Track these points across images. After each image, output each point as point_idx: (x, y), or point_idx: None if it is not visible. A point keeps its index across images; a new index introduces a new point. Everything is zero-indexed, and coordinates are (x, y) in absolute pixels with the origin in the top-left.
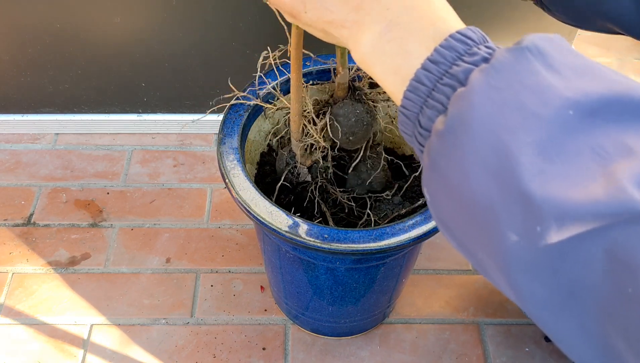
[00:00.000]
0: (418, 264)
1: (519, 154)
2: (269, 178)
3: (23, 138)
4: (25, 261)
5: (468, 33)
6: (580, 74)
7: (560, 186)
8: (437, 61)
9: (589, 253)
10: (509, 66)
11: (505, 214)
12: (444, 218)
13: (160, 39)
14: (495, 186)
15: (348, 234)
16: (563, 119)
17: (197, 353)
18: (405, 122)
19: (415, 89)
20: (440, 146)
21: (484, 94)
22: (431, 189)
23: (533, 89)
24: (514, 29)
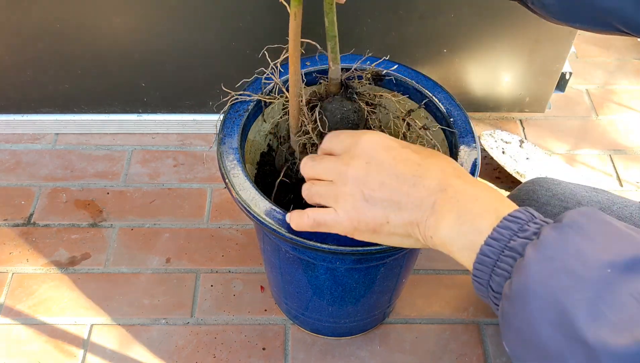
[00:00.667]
0: (418, 264)
1: (573, 309)
2: (269, 178)
3: (23, 138)
4: (25, 261)
5: (518, 214)
6: (612, 240)
7: (611, 332)
8: (497, 238)
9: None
10: (554, 241)
11: (572, 359)
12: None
13: (160, 39)
14: (559, 336)
15: None
16: (604, 277)
17: (197, 353)
18: (480, 288)
19: (483, 261)
20: (510, 308)
21: (538, 263)
22: (509, 343)
23: (576, 257)
24: (515, 29)
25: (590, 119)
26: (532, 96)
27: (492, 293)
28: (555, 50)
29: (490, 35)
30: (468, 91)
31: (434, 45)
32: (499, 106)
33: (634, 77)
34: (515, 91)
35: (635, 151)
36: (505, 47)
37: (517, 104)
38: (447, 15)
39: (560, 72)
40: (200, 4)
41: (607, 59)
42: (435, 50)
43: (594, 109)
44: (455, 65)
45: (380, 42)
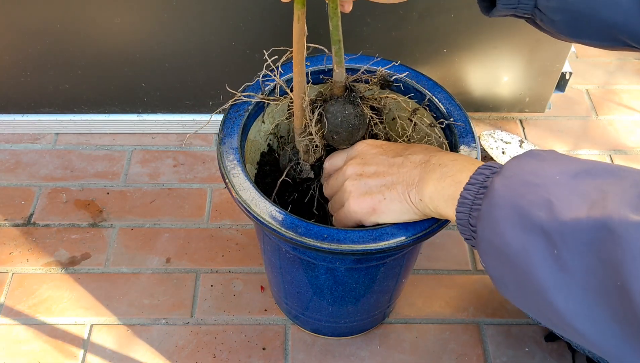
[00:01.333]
0: (418, 264)
1: (529, 206)
2: (269, 178)
3: (23, 138)
4: (25, 261)
5: (491, 163)
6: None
7: (559, 215)
8: (472, 183)
9: (591, 263)
10: (514, 165)
11: (533, 248)
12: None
13: (160, 39)
14: (521, 231)
15: (348, 234)
16: (554, 180)
17: (197, 353)
18: (462, 229)
19: (462, 203)
20: (482, 225)
21: (500, 183)
22: (484, 259)
23: (531, 171)
24: (515, 29)
25: (590, 119)
26: (532, 96)
27: (471, 228)
28: (555, 50)
29: (490, 35)
30: (468, 91)
31: (434, 45)
32: (499, 106)
33: (634, 77)
34: (515, 91)
35: (635, 151)
36: (505, 47)
37: (517, 104)
38: (447, 15)
39: (560, 72)
40: (201, 4)
41: (607, 59)
42: (435, 50)
43: (594, 109)
44: (455, 65)
45: (380, 42)
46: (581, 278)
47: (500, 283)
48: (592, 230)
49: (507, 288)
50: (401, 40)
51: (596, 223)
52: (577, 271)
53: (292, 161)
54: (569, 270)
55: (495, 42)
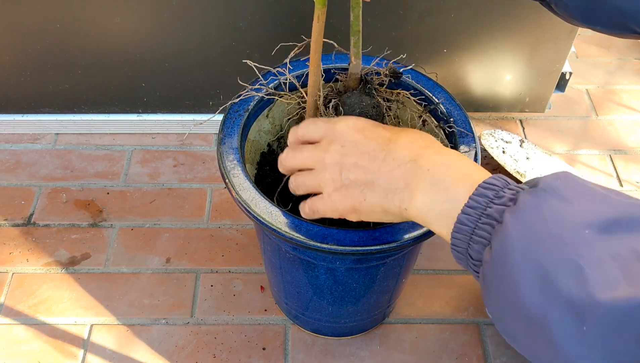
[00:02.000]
0: (418, 264)
1: (554, 270)
2: (269, 178)
3: (23, 138)
4: (25, 261)
5: (492, 181)
6: (588, 201)
7: (593, 290)
8: (473, 206)
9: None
10: (531, 206)
11: (557, 320)
12: (509, 332)
13: (160, 39)
14: (543, 299)
15: (348, 234)
16: (582, 237)
17: (197, 353)
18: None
19: (460, 229)
20: (491, 273)
21: (516, 228)
22: (492, 309)
23: (553, 220)
24: (515, 29)
25: (590, 119)
26: (532, 96)
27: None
28: (555, 50)
29: (490, 35)
30: (468, 90)
31: (434, 45)
32: (499, 106)
33: (634, 77)
34: (516, 90)
35: (635, 151)
36: (505, 47)
37: (517, 104)
38: (447, 15)
39: (560, 72)
40: (201, 4)
41: (607, 59)
42: (435, 50)
43: (594, 109)
44: (455, 65)
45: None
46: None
47: (508, 336)
48: (633, 311)
49: (517, 342)
50: (401, 41)
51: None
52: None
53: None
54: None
55: (495, 42)
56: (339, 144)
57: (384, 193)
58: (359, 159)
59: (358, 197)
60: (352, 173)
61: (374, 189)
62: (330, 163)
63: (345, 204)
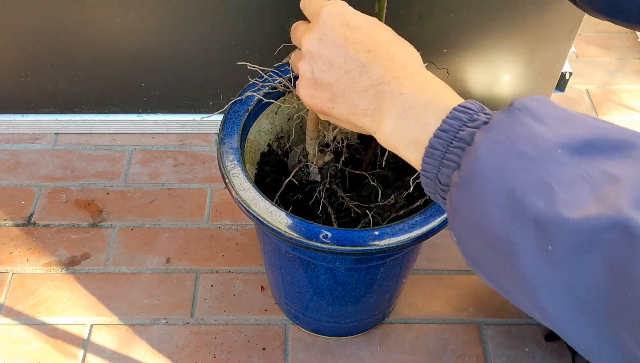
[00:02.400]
0: (418, 264)
1: (523, 189)
2: (268, 178)
3: (23, 138)
4: (25, 261)
5: (468, 105)
6: (563, 123)
7: (562, 208)
8: (446, 129)
9: (592, 265)
10: (504, 123)
11: (522, 240)
12: (473, 257)
13: (160, 39)
14: (509, 218)
15: (348, 234)
16: (554, 157)
17: (197, 353)
18: (427, 183)
19: (431, 154)
20: (459, 194)
21: (487, 147)
22: (457, 233)
23: (526, 138)
24: (515, 29)
25: None
26: None
27: (440, 186)
28: (555, 50)
29: (490, 36)
30: (468, 91)
31: (434, 45)
32: (499, 105)
33: (634, 77)
34: (515, 91)
35: None
36: (505, 47)
37: None
38: (447, 15)
39: (560, 72)
40: (201, 3)
41: (607, 59)
42: (435, 50)
43: (594, 109)
44: (455, 65)
45: None
46: (577, 280)
47: (471, 261)
48: (601, 230)
49: (480, 268)
50: None
51: (608, 222)
52: (573, 273)
53: (302, 162)
54: (564, 270)
55: (495, 42)
56: (317, 35)
57: (353, 110)
58: (335, 59)
59: (327, 103)
60: (324, 74)
61: (344, 102)
62: (306, 52)
63: (313, 103)
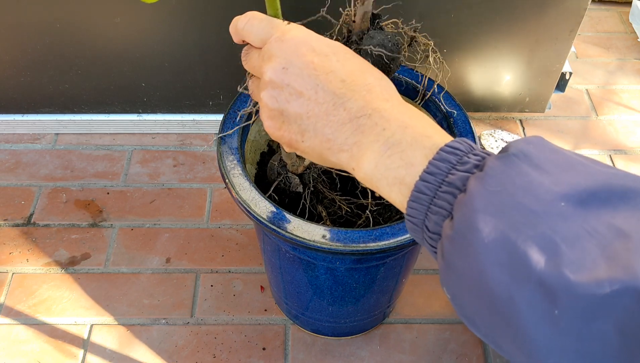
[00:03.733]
0: (418, 264)
1: (525, 247)
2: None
3: (23, 137)
4: (25, 261)
5: (456, 145)
6: (564, 170)
7: (568, 270)
8: (433, 172)
9: (602, 332)
10: (500, 172)
11: (525, 303)
12: (468, 314)
13: (160, 39)
14: (511, 278)
15: (348, 234)
16: (557, 210)
17: (197, 353)
18: (414, 229)
19: (418, 198)
20: (453, 248)
21: (483, 198)
22: (450, 288)
23: (525, 189)
24: (515, 29)
25: (591, 119)
26: (532, 96)
27: (428, 233)
28: (555, 50)
29: (490, 36)
30: (468, 91)
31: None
32: (499, 106)
33: (634, 77)
34: (516, 91)
35: (635, 151)
36: (505, 47)
37: (517, 104)
38: (447, 15)
39: (560, 72)
40: (200, 4)
41: (607, 59)
42: None
43: (594, 109)
44: (455, 65)
45: None
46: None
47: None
48: (613, 295)
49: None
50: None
51: (621, 287)
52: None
53: (281, 174)
54: (572, 335)
55: (495, 42)
56: (280, 63)
57: (327, 144)
58: (304, 90)
59: (294, 136)
60: (291, 105)
61: (316, 135)
62: (268, 80)
63: (279, 136)
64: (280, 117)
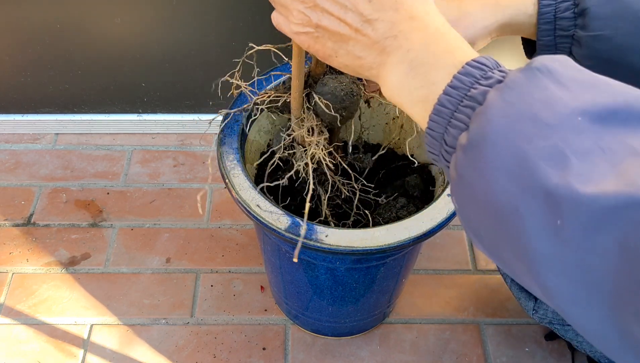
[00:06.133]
0: (418, 264)
1: (536, 158)
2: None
3: (23, 138)
4: (25, 261)
5: (482, 60)
6: (586, 87)
7: (575, 181)
8: (456, 86)
9: (603, 245)
10: (520, 84)
11: (529, 212)
12: (474, 226)
13: (160, 39)
14: (517, 188)
15: (348, 234)
16: (573, 124)
17: (197, 353)
18: (432, 143)
19: (439, 112)
20: (465, 158)
21: (500, 109)
22: (459, 199)
23: (544, 102)
24: None
25: None
26: None
27: (445, 147)
28: None
29: None
30: None
31: None
32: None
33: None
34: None
35: None
36: (505, 47)
37: None
38: None
39: None
40: (201, 3)
41: None
42: None
43: None
44: None
45: None
46: (586, 259)
47: (471, 231)
48: (618, 208)
49: (480, 238)
50: None
51: (627, 200)
52: (582, 251)
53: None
54: (572, 247)
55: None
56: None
57: (358, 62)
58: (334, 11)
59: (329, 51)
60: (325, 21)
61: (347, 53)
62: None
63: (315, 50)
64: (314, 33)
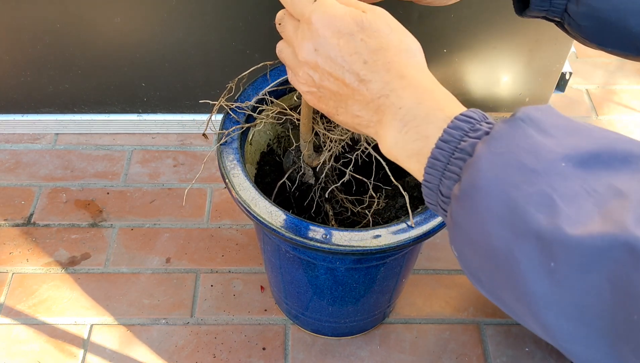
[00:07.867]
0: (418, 264)
1: (525, 203)
2: (268, 177)
3: (23, 138)
4: (25, 261)
5: (470, 114)
6: (569, 134)
7: (564, 224)
8: (447, 140)
9: (596, 284)
10: (506, 134)
11: (524, 256)
12: (474, 271)
13: (160, 39)
14: (511, 233)
15: (348, 234)
16: (558, 169)
17: (197, 353)
18: (429, 194)
19: (433, 165)
20: (460, 208)
21: (488, 159)
22: (458, 247)
23: (528, 150)
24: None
25: (591, 119)
26: (532, 96)
27: (441, 198)
28: (555, 50)
29: (490, 35)
30: (468, 91)
31: (434, 45)
32: (499, 106)
33: (634, 77)
34: (515, 91)
35: None
36: (505, 47)
37: (517, 104)
38: (447, 15)
39: (560, 72)
40: (200, 4)
41: (607, 59)
42: (435, 50)
43: (594, 109)
44: (455, 65)
45: None
46: (581, 298)
47: (472, 276)
48: (605, 248)
49: (481, 283)
50: None
51: (612, 240)
52: (577, 291)
53: (296, 163)
54: (567, 287)
55: (495, 42)
56: (312, 45)
57: (357, 120)
58: (333, 72)
59: (331, 109)
60: (326, 83)
61: (347, 111)
62: (304, 61)
63: (320, 107)
64: (317, 93)
